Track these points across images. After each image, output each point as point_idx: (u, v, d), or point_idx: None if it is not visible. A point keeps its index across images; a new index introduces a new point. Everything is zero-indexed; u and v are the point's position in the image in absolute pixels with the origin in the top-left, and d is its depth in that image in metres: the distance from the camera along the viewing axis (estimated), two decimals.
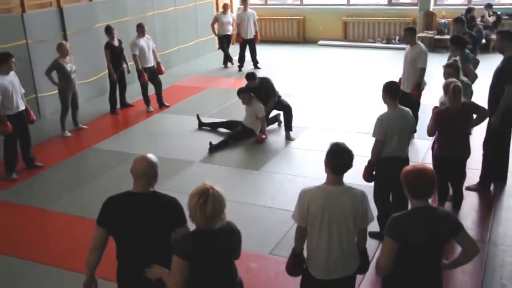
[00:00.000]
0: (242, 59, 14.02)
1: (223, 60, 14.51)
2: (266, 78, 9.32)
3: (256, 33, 13.90)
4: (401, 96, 5.69)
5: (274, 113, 9.59)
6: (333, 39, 17.01)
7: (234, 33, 14.43)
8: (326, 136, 8.75)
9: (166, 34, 14.01)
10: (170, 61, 14.12)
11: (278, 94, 9.28)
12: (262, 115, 8.97)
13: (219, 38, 14.47)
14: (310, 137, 9.11)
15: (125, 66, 10.78)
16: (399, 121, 5.45)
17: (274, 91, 9.22)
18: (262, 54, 14.54)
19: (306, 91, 11.78)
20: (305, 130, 9.37)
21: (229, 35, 14.33)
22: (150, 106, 10.87)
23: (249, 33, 13.74)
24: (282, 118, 9.42)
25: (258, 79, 9.16)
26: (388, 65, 13.48)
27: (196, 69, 14.38)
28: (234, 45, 14.96)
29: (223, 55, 14.48)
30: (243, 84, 9.43)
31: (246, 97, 9.03)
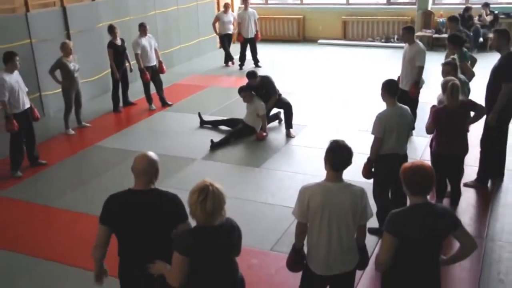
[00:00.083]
0: (243, 58, 14.01)
1: (224, 59, 14.49)
2: (266, 77, 9.32)
3: (256, 32, 13.89)
4: (399, 94, 5.68)
5: (275, 111, 9.58)
6: (332, 38, 16.98)
7: (235, 32, 14.44)
8: (325, 133, 8.74)
9: (168, 33, 13.99)
10: (172, 60, 14.11)
11: (278, 92, 9.28)
12: (262, 113, 8.96)
13: (220, 37, 14.45)
14: (310, 134, 9.10)
15: (127, 65, 10.77)
16: (398, 118, 5.44)
17: (275, 90, 9.21)
18: (263, 53, 14.53)
19: (306, 89, 11.77)
20: (305, 128, 9.36)
21: (230, 34, 14.32)
22: (152, 104, 10.87)
23: (249, 32, 13.73)
24: (282, 116, 9.41)
25: (259, 78, 9.16)
26: (386, 63, 13.45)
27: (197, 67, 14.37)
28: (235, 44, 14.95)
29: (224, 54, 14.46)
30: (244, 82, 9.43)
31: (247, 95, 9.02)
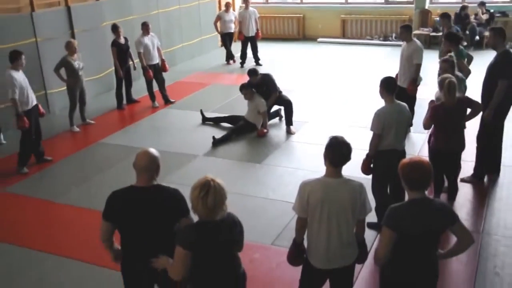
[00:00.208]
0: (244, 56, 14.00)
1: (226, 57, 14.48)
2: (267, 74, 9.31)
3: (257, 30, 13.87)
4: (397, 91, 5.66)
5: (275, 108, 9.56)
6: (332, 37, 16.97)
7: (236, 30, 14.41)
8: (325, 130, 8.71)
9: (170, 32, 13.97)
10: (175, 58, 14.10)
11: (279, 90, 9.26)
12: (263, 110, 8.95)
13: (222, 35, 14.42)
14: (310, 131, 9.09)
15: (131, 63, 10.76)
16: (396, 115, 5.42)
17: (275, 87, 9.20)
18: (263, 51, 14.50)
19: (306, 87, 11.75)
20: (305, 125, 9.35)
21: (231, 33, 14.30)
22: (155, 102, 10.85)
23: (250, 30, 13.71)
24: (283, 113, 9.40)
25: (260, 75, 9.15)
26: (385, 61, 13.45)
27: (199, 66, 14.35)
28: (236, 42, 14.92)
29: (226, 52, 14.45)
30: (245, 80, 9.41)
31: (248, 92, 9.01)
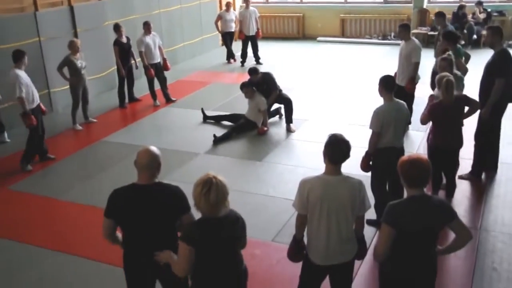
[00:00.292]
0: (244, 55, 13.98)
1: (227, 56, 14.46)
2: (267, 73, 9.29)
3: (257, 30, 13.85)
4: (396, 89, 5.66)
5: (276, 106, 9.54)
6: (331, 36, 16.95)
7: (236, 30, 14.39)
8: (325, 128, 8.69)
9: (172, 31, 13.96)
10: (176, 57, 14.09)
11: (279, 88, 9.25)
12: (264, 108, 8.94)
13: (223, 35, 14.40)
14: (309, 129, 9.08)
15: (133, 62, 10.74)
16: (395, 113, 5.41)
17: (276, 85, 9.18)
18: (264, 50, 14.48)
19: (305, 85, 11.74)
20: (305, 123, 9.34)
21: (232, 32, 14.28)
22: (156, 101, 10.84)
23: (251, 30, 13.70)
24: (283, 111, 9.39)
25: (260, 74, 9.14)
26: (383, 60, 13.42)
27: (200, 64, 14.34)
28: (236, 41, 14.89)
29: (227, 51, 14.43)
30: (246, 78, 9.39)
31: (248, 91, 9.00)
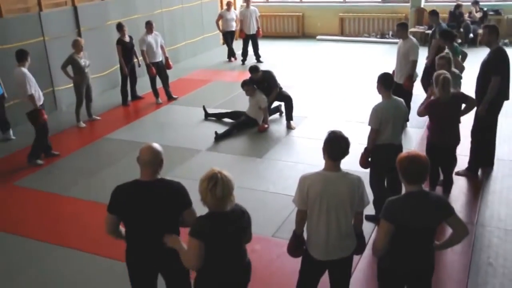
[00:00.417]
0: (245, 54, 13.96)
1: (227, 54, 14.44)
2: (268, 71, 9.28)
3: (258, 28, 13.83)
4: (394, 87, 5.64)
5: (276, 104, 9.53)
6: (330, 34, 16.92)
7: (237, 29, 14.36)
8: (324, 125, 8.68)
9: (173, 30, 13.94)
10: (178, 55, 14.07)
11: (279, 86, 9.24)
12: (264, 106, 8.93)
13: (224, 34, 14.37)
14: (309, 126, 9.06)
15: (135, 60, 10.75)
16: (393, 110, 5.40)
17: (276, 83, 9.17)
18: (264, 49, 14.46)
19: (305, 83, 11.72)
20: (304, 120, 9.32)
21: (233, 31, 14.25)
22: (159, 98, 10.83)
23: (251, 29, 13.68)
24: (283, 108, 9.37)
25: (261, 72, 9.11)
26: (382, 58, 13.39)
27: (202, 63, 14.32)
28: (237, 40, 14.88)
29: (227, 50, 14.41)
30: (247, 76, 9.38)
31: (249, 89, 8.98)
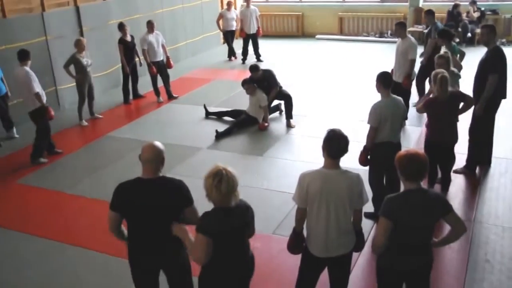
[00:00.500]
0: (245, 53, 13.95)
1: (228, 53, 14.43)
2: (268, 70, 9.27)
3: (258, 28, 13.82)
4: (393, 85, 5.64)
5: (276, 102, 9.53)
6: (329, 33, 16.91)
7: (237, 28, 14.35)
8: (323, 123, 8.64)
9: (174, 30, 13.93)
10: (179, 55, 14.06)
11: (279, 85, 9.23)
12: (264, 104, 8.93)
13: (224, 33, 14.37)
14: (309, 124, 9.06)
15: (137, 59, 10.74)
16: (392, 109, 5.40)
17: (276, 82, 9.17)
18: (264, 48, 14.46)
19: (305, 82, 11.71)
20: (304, 118, 9.32)
21: (233, 30, 14.24)
22: (160, 97, 10.83)
23: (251, 28, 13.68)
24: (283, 107, 9.37)
25: (261, 71, 9.10)
26: (380, 57, 13.38)
27: (202, 62, 14.31)
28: (238, 39, 14.87)
29: (228, 49, 14.40)
30: (247, 75, 9.38)
31: (249, 87, 8.98)
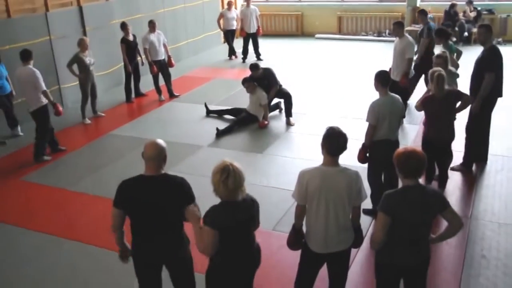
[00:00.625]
0: (245, 52, 13.94)
1: (228, 52, 14.42)
2: (268, 69, 9.26)
3: (258, 27, 13.82)
4: (391, 84, 5.64)
5: (276, 100, 9.52)
6: (328, 33, 16.89)
7: (238, 27, 14.33)
8: (323, 121, 8.67)
9: (176, 29, 13.91)
10: (180, 54, 14.05)
11: (279, 83, 9.22)
12: (264, 103, 8.92)
13: (225, 32, 14.34)
14: (308, 122, 9.05)
15: (139, 58, 10.72)
16: (390, 107, 5.40)
17: (276, 81, 9.15)
18: (264, 47, 14.44)
19: (304, 80, 11.69)
20: (303, 116, 9.31)
21: (233, 30, 14.22)
22: (161, 96, 10.83)
23: (252, 27, 13.67)
24: (283, 105, 9.35)
25: (261, 70, 9.09)
26: (379, 56, 13.36)
27: (203, 61, 14.30)
28: (238, 38, 14.86)
29: (228, 48, 14.39)
30: (247, 74, 9.37)
31: (250, 86, 8.97)
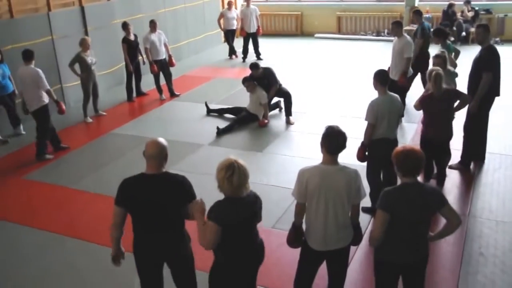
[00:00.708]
0: (245, 51, 13.93)
1: (229, 52, 14.41)
2: (268, 68, 9.25)
3: (258, 27, 13.81)
4: (389, 83, 5.63)
5: (276, 99, 9.51)
6: (328, 32, 16.87)
7: (238, 27, 14.32)
8: (322, 120, 8.67)
9: (176, 29, 13.90)
10: (181, 53, 14.04)
11: (279, 83, 9.21)
12: (264, 102, 8.91)
13: (225, 32, 14.32)
14: (308, 121, 9.05)
15: (140, 58, 10.72)
16: (389, 106, 5.40)
17: (276, 80, 9.15)
18: (264, 46, 14.42)
19: (304, 80, 11.69)
20: (303, 115, 9.30)
21: (233, 29, 14.21)
22: (162, 95, 10.82)
23: (252, 27, 13.66)
24: (282, 104, 9.35)
25: (261, 69, 9.09)
26: (377, 55, 13.36)
27: (204, 60, 14.29)
28: (238, 38, 14.85)
29: (229, 48, 14.38)
30: (247, 73, 9.35)
31: (250, 85, 8.97)
